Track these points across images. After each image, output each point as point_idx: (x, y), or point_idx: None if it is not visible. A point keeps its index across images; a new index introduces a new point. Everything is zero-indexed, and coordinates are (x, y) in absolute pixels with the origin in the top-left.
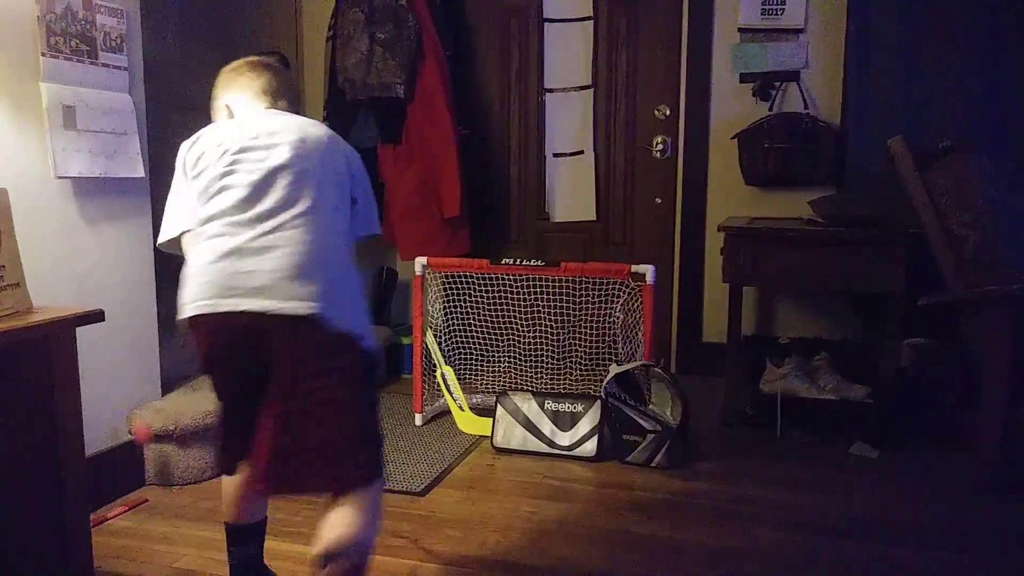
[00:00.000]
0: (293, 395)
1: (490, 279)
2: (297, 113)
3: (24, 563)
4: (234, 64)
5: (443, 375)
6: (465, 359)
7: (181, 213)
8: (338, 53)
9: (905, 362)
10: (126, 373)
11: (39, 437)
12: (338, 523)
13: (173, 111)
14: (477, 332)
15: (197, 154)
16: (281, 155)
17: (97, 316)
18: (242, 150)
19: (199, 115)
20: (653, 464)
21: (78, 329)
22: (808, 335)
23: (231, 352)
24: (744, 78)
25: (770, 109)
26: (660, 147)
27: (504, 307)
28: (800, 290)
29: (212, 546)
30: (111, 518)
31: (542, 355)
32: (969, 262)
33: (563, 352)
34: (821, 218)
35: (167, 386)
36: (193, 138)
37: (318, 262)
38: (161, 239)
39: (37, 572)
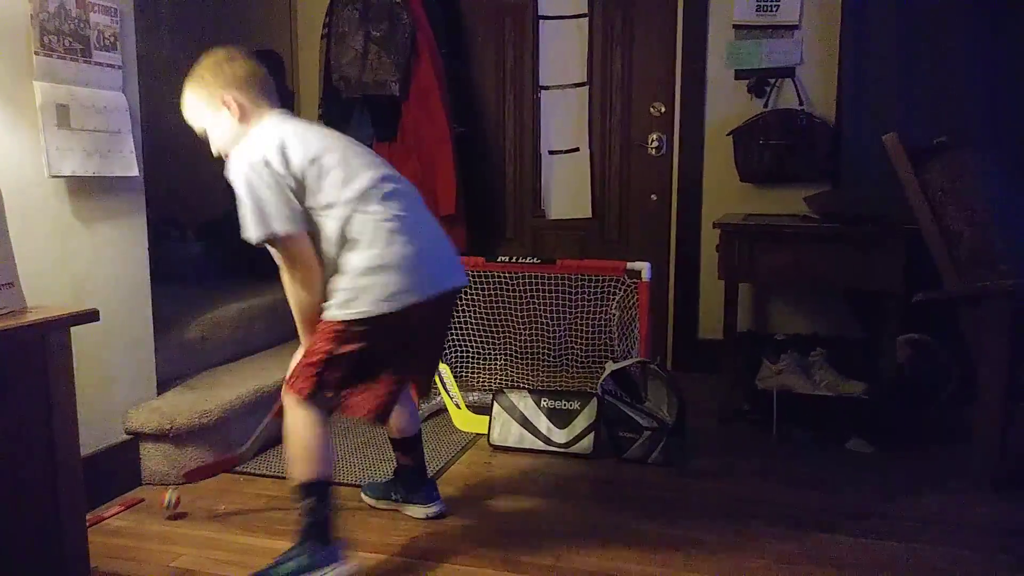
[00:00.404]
0: (442, 344)
1: (486, 277)
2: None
3: (20, 563)
4: (217, 56)
5: (439, 373)
6: (461, 357)
7: (285, 212)
8: (333, 51)
9: (900, 358)
10: (121, 372)
11: (34, 437)
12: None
13: (167, 109)
14: (473, 330)
15: (307, 157)
16: (385, 163)
17: (92, 316)
18: (360, 157)
19: None
20: (649, 461)
21: (73, 328)
22: (804, 331)
23: (429, 324)
24: (739, 75)
25: (765, 106)
26: (655, 144)
27: (500, 305)
28: (796, 287)
29: (209, 545)
30: (107, 518)
31: (538, 353)
32: (964, 258)
33: (559, 350)
34: (817, 214)
35: (163, 386)
36: (278, 143)
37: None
38: (262, 234)
39: (33, 572)
